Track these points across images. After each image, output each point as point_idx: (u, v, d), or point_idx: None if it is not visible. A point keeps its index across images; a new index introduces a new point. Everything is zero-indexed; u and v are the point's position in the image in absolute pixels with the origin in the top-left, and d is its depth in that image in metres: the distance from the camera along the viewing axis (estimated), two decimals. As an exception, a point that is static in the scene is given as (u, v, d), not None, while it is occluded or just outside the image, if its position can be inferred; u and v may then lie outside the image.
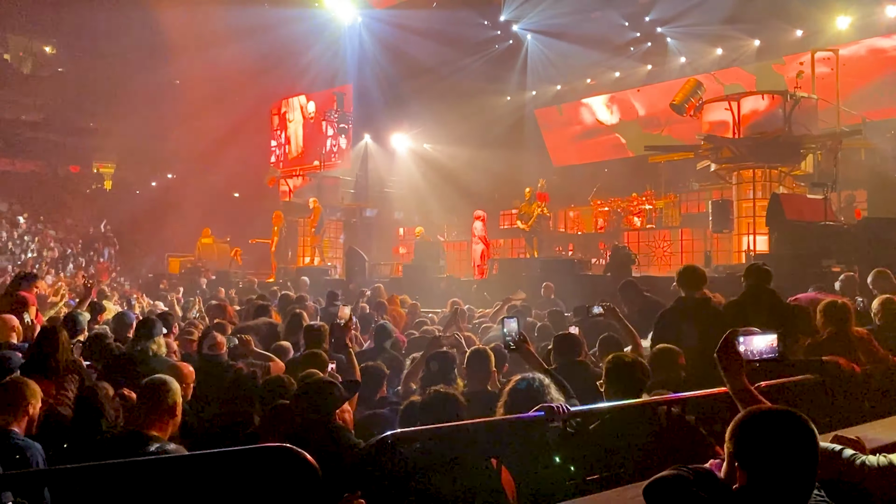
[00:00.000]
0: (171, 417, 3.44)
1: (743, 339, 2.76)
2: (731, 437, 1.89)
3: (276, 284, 16.23)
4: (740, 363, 2.67)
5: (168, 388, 3.47)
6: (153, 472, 2.29)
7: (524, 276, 13.64)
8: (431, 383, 4.63)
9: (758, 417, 1.88)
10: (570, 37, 20.80)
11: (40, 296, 12.71)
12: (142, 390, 3.50)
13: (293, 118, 25.78)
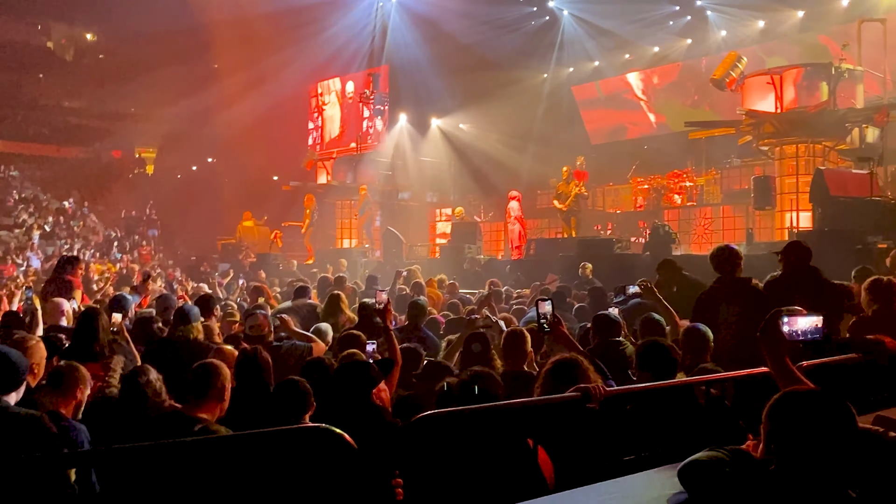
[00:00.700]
0: (219, 402, 3.56)
1: (787, 319, 2.72)
2: (766, 418, 1.87)
3: (315, 267, 16.39)
4: (783, 344, 2.64)
5: (218, 372, 3.59)
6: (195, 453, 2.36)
7: (561, 256, 13.57)
8: (470, 364, 4.68)
9: (794, 398, 1.86)
10: (608, 12, 20.49)
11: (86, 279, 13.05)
12: (192, 373, 3.60)
13: (329, 100, 25.88)
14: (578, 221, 16.83)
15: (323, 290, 9.76)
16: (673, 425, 3.31)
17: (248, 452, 2.45)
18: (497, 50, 22.21)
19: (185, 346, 5.36)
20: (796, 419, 1.81)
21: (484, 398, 3.07)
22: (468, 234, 16.63)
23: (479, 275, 13.47)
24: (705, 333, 4.62)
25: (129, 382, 4.06)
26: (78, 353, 4.85)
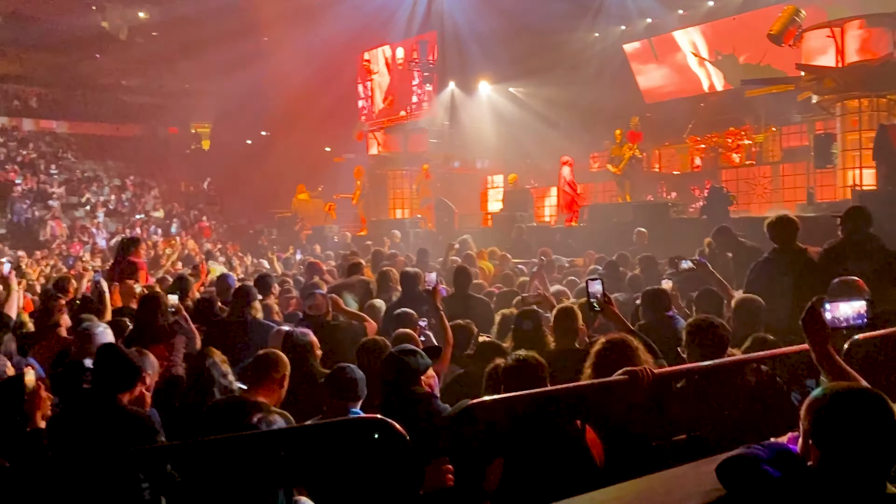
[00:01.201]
0: (280, 388, 3.78)
1: (829, 306, 2.69)
2: (806, 415, 1.87)
3: (369, 238, 16.57)
4: (826, 332, 2.60)
5: (277, 361, 3.81)
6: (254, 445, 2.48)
7: (615, 221, 13.43)
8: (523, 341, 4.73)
9: (834, 397, 1.85)
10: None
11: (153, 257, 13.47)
12: (255, 361, 3.82)
13: (378, 69, 25.87)
14: (633, 185, 16.59)
15: (377, 264, 9.90)
16: (722, 404, 3.31)
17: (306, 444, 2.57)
18: (546, 11, 21.81)
19: (245, 326, 5.54)
20: (835, 418, 1.80)
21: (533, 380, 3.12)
22: (521, 202, 16.56)
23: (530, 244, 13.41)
24: (758, 305, 4.56)
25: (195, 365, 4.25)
26: (141, 336, 5.08)
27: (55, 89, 34.96)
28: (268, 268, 12.64)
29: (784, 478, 1.82)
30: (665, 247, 10.61)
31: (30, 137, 31.11)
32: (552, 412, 2.96)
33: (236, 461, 2.52)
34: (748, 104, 19.18)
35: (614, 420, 3.14)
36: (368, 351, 4.32)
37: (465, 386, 4.14)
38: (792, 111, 18.38)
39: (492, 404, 2.81)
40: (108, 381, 3.58)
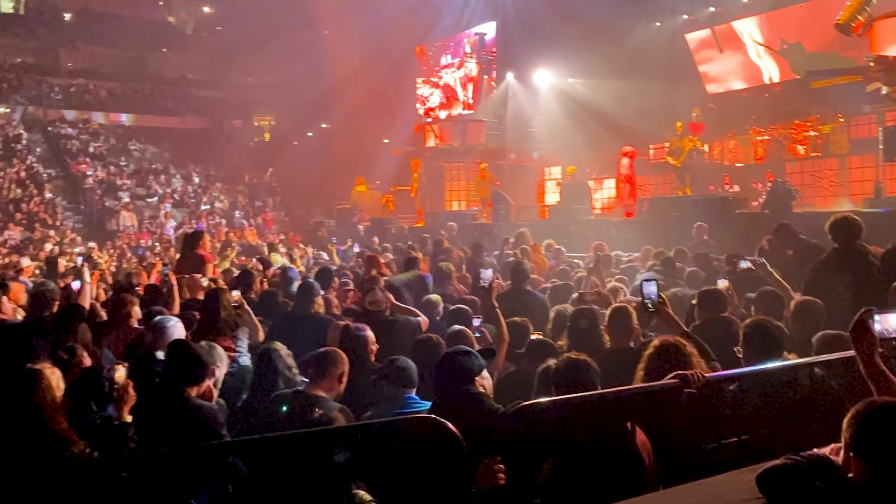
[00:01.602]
0: (339, 384, 3.98)
1: (878, 317, 2.66)
2: (848, 427, 1.90)
3: (426, 231, 16.72)
4: (874, 343, 2.59)
5: (338, 358, 4.01)
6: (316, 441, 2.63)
7: (675, 216, 13.25)
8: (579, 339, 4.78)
9: (876, 410, 1.87)
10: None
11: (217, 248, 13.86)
12: (316, 357, 4.05)
13: (437, 62, 25.98)
14: (693, 178, 16.34)
15: (436, 256, 10.03)
16: (775, 408, 3.32)
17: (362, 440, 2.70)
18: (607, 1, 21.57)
19: (307, 320, 5.73)
20: (877, 431, 1.83)
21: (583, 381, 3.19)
22: (578, 195, 16.47)
23: (588, 237, 13.34)
24: (819, 309, 4.51)
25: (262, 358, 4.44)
26: (208, 329, 5.31)
27: (124, 83, 36.13)
28: (327, 259, 12.89)
29: (824, 489, 1.85)
30: (725, 241, 10.46)
31: (100, 130, 32.21)
32: (603, 414, 3.02)
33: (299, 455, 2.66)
34: (814, 94, 18.64)
35: (665, 422, 3.18)
36: (424, 348, 4.44)
37: (517, 384, 4.22)
38: (861, 101, 17.78)
39: (543, 406, 2.88)
40: (177, 376, 3.79)
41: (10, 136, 28.70)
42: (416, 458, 2.69)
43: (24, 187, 25.68)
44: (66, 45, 35.69)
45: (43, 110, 32.01)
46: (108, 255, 17.45)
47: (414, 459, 2.70)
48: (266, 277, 8.71)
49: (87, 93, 34.54)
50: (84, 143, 30.38)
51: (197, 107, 36.36)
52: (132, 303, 5.90)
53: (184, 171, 31.26)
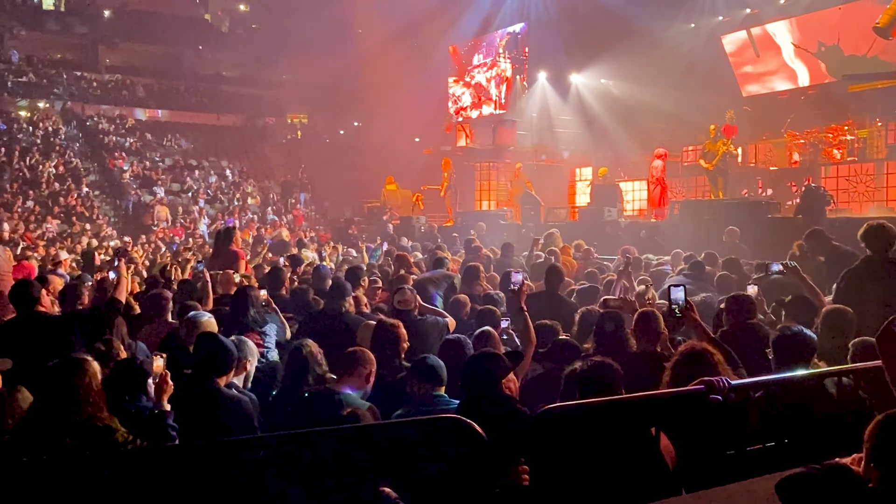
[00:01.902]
0: (366, 383, 4.08)
1: (907, 326, 2.65)
2: (869, 438, 1.90)
3: (455, 230, 16.76)
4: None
5: (366, 359, 4.11)
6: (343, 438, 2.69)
7: (706, 219, 13.16)
8: (605, 342, 4.80)
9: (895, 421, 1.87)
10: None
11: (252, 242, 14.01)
12: (345, 356, 4.13)
13: (469, 62, 26.00)
14: (726, 182, 16.18)
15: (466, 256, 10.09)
16: (801, 416, 3.31)
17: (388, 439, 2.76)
18: (641, 1, 21.45)
19: (338, 318, 5.81)
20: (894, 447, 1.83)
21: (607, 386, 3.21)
22: (609, 196, 16.41)
23: (619, 239, 13.29)
24: (848, 318, 4.47)
25: (293, 354, 4.52)
26: (236, 324, 5.42)
27: (160, 80, 36.71)
28: (356, 256, 12.99)
29: (843, 498, 1.86)
30: (758, 247, 10.37)
31: (137, 126, 32.74)
32: (627, 418, 3.04)
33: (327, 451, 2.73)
34: (852, 98, 18.37)
35: (689, 428, 3.19)
36: (451, 348, 4.49)
37: (542, 385, 4.25)
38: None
39: (568, 409, 2.92)
40: (207, 366, 3.90)
41: (50, 131, 29.30)
42: (441, 457, 2.74)
43: (63, 181, 26.20)
44: (104, 41, 36.34)
45: (81, 105, 32.64)
46: (142, 249, 17.74)
47: (439, 459, 2.75)
48: (297, 275, 8.83)
49: (124, 89, 35.14)
50: (121, 138, 30.91)
51: (231, 104, 36.80)
52: (167, 297, 6.02)
53: (217, 167, 31.67)
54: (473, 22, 25.18)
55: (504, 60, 23.88)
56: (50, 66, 33.92)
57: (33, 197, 24.50)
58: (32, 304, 5.06)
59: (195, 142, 33.34)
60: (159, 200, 26.46)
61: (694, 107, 20.99)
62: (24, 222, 22.07)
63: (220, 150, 33.57)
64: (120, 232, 23.47)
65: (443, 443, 2.73)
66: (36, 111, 31.32)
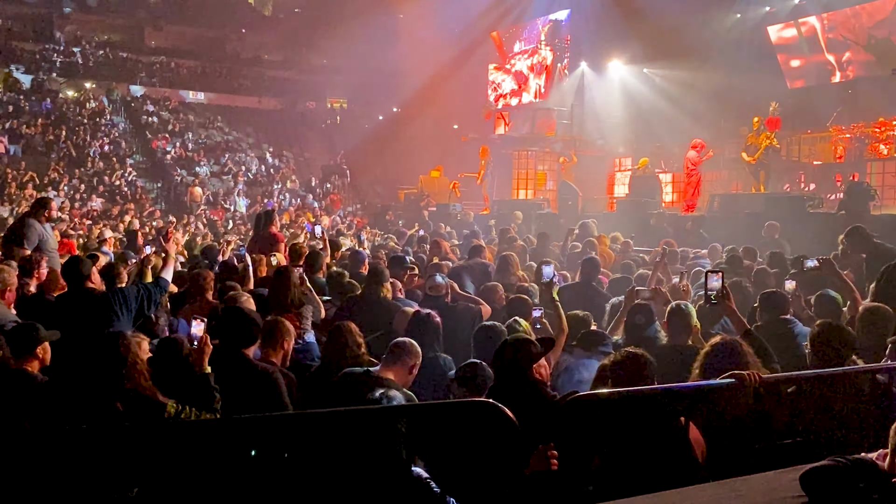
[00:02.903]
0: (409, 374, 4.10)
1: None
2: (894, 434, 1.92)
3: (492, 217, 16.78)
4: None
5: (413, 351, 4.15)
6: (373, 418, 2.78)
7: (746, 213, 13.00)
8: (635, 334, 4.82)
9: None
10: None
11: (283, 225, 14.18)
12: (394, 345, 4.19)
13: (510, 49, 25.90)
14: (768, 175, 15.96)
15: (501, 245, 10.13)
16: (834, 412, 3.32)
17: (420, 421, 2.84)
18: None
19: (375, 303, 5.91)
20: None
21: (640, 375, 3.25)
22: (648, 188, 16.28)
23: (661, 231, 13.17)
24: (887, 315, 4.43)
25: (333, 335, 4.63)
26: (275, 306, 5.53)
27: (203, 62, 37.16)
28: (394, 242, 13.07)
29: (866, 491, 1.89)
30: (798, 242, 10.23)
31: (179, 108, 33.23)
32: (657, 407, 3.08)
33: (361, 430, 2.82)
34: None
35: (719, 421, 3.22)
36: (485, 334, 4.56)
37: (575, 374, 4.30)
38: (953, 101, 17.05)
39: (599, 397, 2.97)
40: (234, 337, 4.02)
41: (96, 111, 29.89)
42: (472, 440, 2.82)
43: (108, 160, 26.76)
44: (150, 23, 36.90)
45: (126, 87, 33.23)
46: (183, 229, 18.09)
47: (470, 441, 2.82)
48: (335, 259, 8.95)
49: (168, 71, 35.66)
50: (164, 120, 31.41)
51: (272, 87, 37.12)
52: (210, 277, 6.17)
53: (258, 150, 32.04)
54: (516, 9, 25.06)
55: (545, 48, 23.73)
56: (97, 47, 34.53)
57: (79, 175, 25.07)
58: (83, 280, 5.25)
59: (236, 125, 33.74)
60: (200, 182, 26.88)
61: (738, 98, 20.68)
62: (70, 200, 22.63)
63: (260, 132, 33.94)
64: (162, 212, 23.92)
65: (474, 426, 2.80)
66: (83, 91, 31.95)
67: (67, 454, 2.70)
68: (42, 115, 28.02)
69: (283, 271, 5.87)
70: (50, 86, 31.04)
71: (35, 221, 7.47)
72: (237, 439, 2.98)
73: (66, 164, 25.58)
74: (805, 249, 8.64)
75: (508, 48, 25.82)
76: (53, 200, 8.54)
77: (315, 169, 31.84)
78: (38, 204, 7.94)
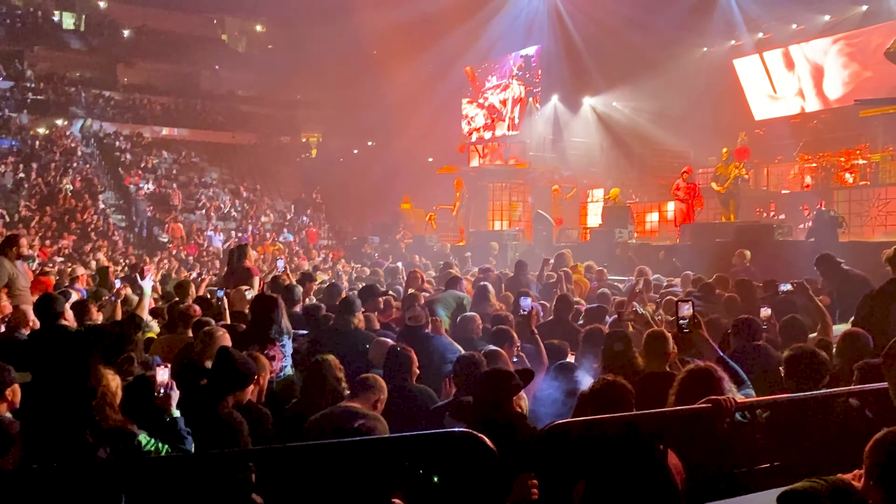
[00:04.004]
0: (373, 409, 4.06)
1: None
2: (868, 455, 1.96)
3: (468, 249, 16.85)
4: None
5: (378, 387, 4.14)
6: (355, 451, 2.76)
7: (717, 242, 13.18)
8: (613, 362, 4.85)
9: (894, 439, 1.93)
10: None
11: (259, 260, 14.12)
12: (361, 380, 4.19)
13: (483, 83, 26.23)
14: (738, 205, 16.22)
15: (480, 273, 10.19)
16: (809, 436, 3.36)
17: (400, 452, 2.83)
18: (653, 25, 21.61)
19: (348, 334, 5.88)
20: None
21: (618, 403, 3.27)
22: (620, 218, 16.46)
23: (631, 260, 13.33)
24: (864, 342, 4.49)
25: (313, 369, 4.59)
26: (255, 338, 5.48)
27: (177, 98, 37.11)
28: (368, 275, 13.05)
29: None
30: (768, 270, 10.37)
31: (153, 144, 33.09)
32: (636, 435, 3.10)
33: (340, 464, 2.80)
34: (864, 122, 18.41)
35: (696, 446, 3.25)
36: (465, 365, 4.56)
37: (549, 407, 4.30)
38: (913, 130, 17.53)
39: (578, 425, 2.98)
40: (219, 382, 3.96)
41: (68, 148, 29.67)
42: (453, 471, 2.81)
43: (79, 198, 26.50)
44: (123, 60, 36.86)
45: (99, 123, 33.06)
46: (156, 267, 17.92)
47: (451, 473, 2.81)
48: (310, 292, 8.92)
49: (141, 107, 35.56)
50: (137, 156, 31.25)
51: (246, 122, 37.14)
52: (196, 312, 6.14)
53: (232, 185, 31.93)
54: (487, 44, 25.41)
55: (517, 83, 24.08)
56: (69, 83, 34.39)
57: (50, 213, 24.78)
58: (56, 318, 5.18)
59: (210, 160, 33.64)
60: (174, 218, 26.69)
61: (706, 130, 21.09)
62: (41, 238, 22.33)
63: (234, 168, 33.87)
64: (135, 249, 23.69)
65: (454, 457, 2.80)
66: (54, 128, 31.72)
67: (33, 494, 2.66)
68: (12, 153, 27.75)
69: (272, 299, 5.78)
70: (21, 123, 30.78)
71: (4, 259, 7.34)
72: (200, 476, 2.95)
73: (37, 202, 25.30)
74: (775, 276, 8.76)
75: (481, 82, 26.14)
76: (23, 237, 8.41)
77: (289, 203, 31.80)
78: (7, 241, 7.79)
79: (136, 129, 33.55)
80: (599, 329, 5.42)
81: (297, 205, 31.06)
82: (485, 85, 25.98)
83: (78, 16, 37.30)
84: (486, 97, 25.77)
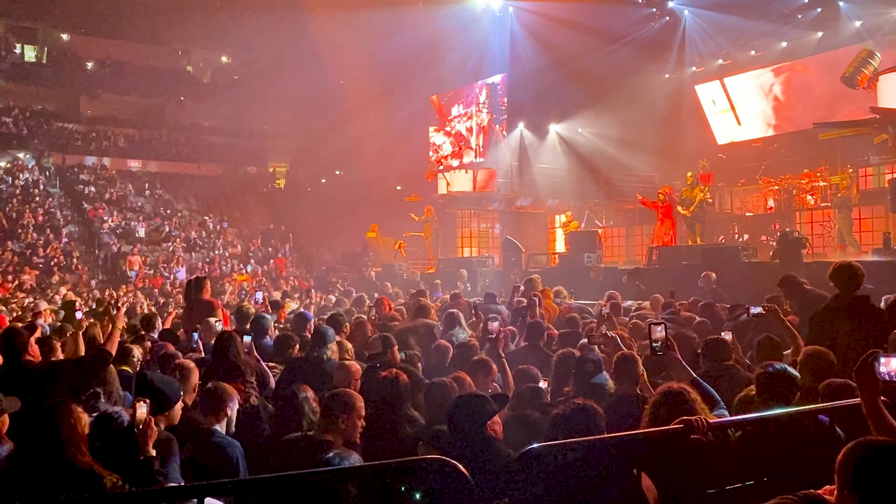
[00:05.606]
0: (353, 430, 3.99)
1: (883, 360, 2.74)
2: (840, 467, 1.98)
3: (438, 276, 16.84)
4: (876, 385, 2.68)
5: (353, 404, 4.04)
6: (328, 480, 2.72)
7: (684, 264, 13.34)
8: (584, 384, 4.86)
9: (869, 449, 1.95)
10: (733, 7, 19.95)
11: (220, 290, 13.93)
12: (326, 401, 4.07)
13: (449, 112, 26.44)
14: (703, 228, 16.46)
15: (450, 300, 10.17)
16: (780, 454, 3.38)
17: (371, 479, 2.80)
18: (617, 53, 22.04)
19: (320, 365, 5.80)
20: (870, 469, 1.90)
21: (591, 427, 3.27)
22: (587, 243, 16.59)
23: (601, 284, 13.40)
24: (827, 357, 4.56)
25: (287, 400, 4.52)
26: (219, 371, 5.40)
27: (142, 130, 36.83)
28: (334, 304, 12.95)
29: (816, 528, 1.93)
30: (735, 291, 10.51)
31: (117, 176, 32.71)
32: (608, 459, 3.10)
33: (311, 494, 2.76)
34: (823, 145, 18.88)
35: (670, 468, 3.25)
36: (437, 392, 4.52)
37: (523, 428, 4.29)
38: (869, 153, 18.00)
39: (551, 449, 2.97)
40: None
41: (30, 182, 29.21)
42: (427, 497, 2.78)
43: (42, 232, 26.04)
44: (86, 92, 36.51)
45: (62, 156, 32.64)
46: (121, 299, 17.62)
47: (425, 499, 2.78)
48: (279, 322, 8.82)
49: (105, 139, 35.20)
50: (101, 188, 30.86)
51: (212, 153, 36.94)
52: (173, 354, 6.05)
53: (198, 216, 31.64)
54: (453, 73, 25.66)
55: (482, 110, 24.32)
56: (31, 117, 33.96)
57: (11, 247, 24.30)
58: (19, 354, 5.05)
59: (176, 191, 33.33)
60: (139, 251, 26.34)
61: (670, 155, 21.45)
62: (2, 274, 21.87)
63: (201, 199, 33.58)
64: (99, 283, 23.30)
65: (428, 483, 2.77)
66: (16, 161, 31.23)
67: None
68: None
69: (228, 337, 5.73)
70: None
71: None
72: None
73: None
74: (742, 297, 8.88)
75: (447, 111, 26.35)
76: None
77: (257, 233, 31.58)
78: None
79: (99, 162, 33.16)
80: (571, 353, 5.42)
81: (264, 235, 30.85)
82: (451, 113, 26.18)
83: (40, 48, 36.91)
84: (452, 125, 25.97)
